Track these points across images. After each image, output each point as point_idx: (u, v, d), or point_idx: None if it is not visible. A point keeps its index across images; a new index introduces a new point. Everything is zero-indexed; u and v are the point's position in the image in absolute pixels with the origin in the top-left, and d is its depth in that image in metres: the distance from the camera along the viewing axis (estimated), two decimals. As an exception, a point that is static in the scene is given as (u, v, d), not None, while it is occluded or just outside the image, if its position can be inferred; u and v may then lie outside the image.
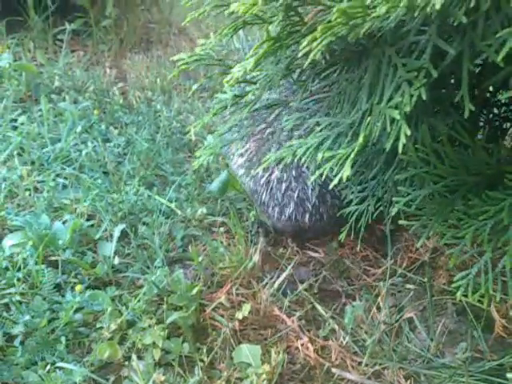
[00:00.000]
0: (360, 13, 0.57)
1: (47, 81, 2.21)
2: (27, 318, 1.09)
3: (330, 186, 0.67)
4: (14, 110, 1.99)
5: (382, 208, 1.16)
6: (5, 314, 1.13)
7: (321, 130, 0.73)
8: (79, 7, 2.60)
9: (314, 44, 0.60)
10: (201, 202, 1.57)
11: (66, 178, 1.65)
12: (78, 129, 1.81)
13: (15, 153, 1.70)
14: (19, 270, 1.21)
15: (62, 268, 1.27)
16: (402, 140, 0.58)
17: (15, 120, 1.90)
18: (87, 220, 1.45)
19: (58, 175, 1.66)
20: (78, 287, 1.12)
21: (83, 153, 1.72)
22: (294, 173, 1.31)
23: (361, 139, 0.60)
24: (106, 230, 1.42)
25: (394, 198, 0.91)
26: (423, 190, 0.87)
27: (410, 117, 0.76)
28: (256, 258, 1.28)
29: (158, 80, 2.31)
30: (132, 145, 1.86)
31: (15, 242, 1.29)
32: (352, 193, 1.17)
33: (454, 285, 0.92)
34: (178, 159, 1.83)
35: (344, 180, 0.61)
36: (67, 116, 1.92)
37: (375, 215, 1.17)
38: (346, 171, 0.62)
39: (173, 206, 1.50)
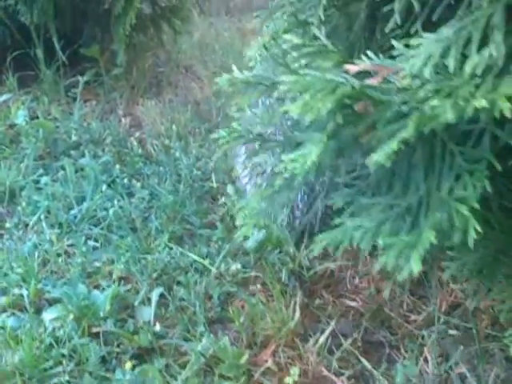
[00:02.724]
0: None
1: (64, 136, 2.22)
2: (78, 398, 1.08)
3: (400, 279, 0.67)
4: (35, 168, 2.01)
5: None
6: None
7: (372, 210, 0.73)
8: (88, 57, 2.62)
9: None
10: (233, 255, 1.57)
11: (95, 240, 1.65)
12: (103, 187, 1.82)
13: (42, 216, 1.71)
14: (64, 345, 1.21)
15: (103, 339, 1.27)
16: (472, 235, 0.58)
17: (38, 181, 1.91)
18: (123, 284, 1.45)
19: (87, 237, 1.66)
20: (128, 365, 1.12)
21: (110, 211, 1.72)
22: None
23: (430, 236, 0.60)
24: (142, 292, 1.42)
25: (443, 263, 0.90)
26: (473, 254, 0.87)
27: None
28: (297, 315, 1.28)
29: (174, 126, 2.32)
30: (156, 197, 1.87)
31: (55, 316, 1.29)
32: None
33: (506, 340, 0.92)
34: (203, 209, 1.84)
35: (415, 274, 0.61)
36: (89, 172, 1.93)
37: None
38: (416, 265, 0.62)
39: (206, 262, 1.50)
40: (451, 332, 1.31)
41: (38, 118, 2.34)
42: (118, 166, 1.98)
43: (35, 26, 2.40)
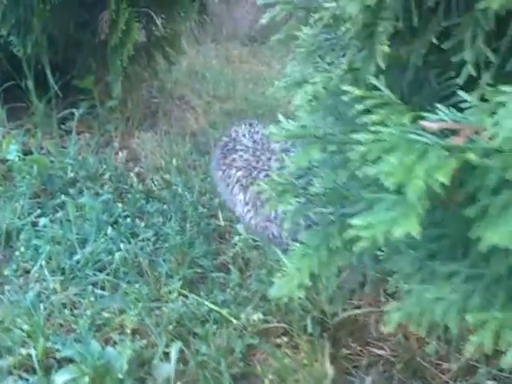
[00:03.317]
0: None
1: (60, 172, 2.12)
2: None
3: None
4: (31, 207, 1.90)
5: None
6: None
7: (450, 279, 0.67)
8: (81, 88, 2.54)
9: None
10: (250, 301, 1.49)
11: (102, 287, 1.55)
12: (106, 229, 1.73)
13: (43, 262, 1.60)
14: (80, 413, 1.11)
15: (122, 402, 1.17)
16: None
17: (36, 223, 1.80)
18: (137, 338, 1.35)
19: (93, 284, 1.56)
20: None
21: (115, 255, 1.63)
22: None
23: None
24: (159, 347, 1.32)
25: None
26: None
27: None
28: (330, 372, 1.20)
29: (174, 160, 2.24)
30: (162, 237, 1.79)
31: (69, 378, 1.18)
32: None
33: None
34: (212, 249, 1.76)
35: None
36: (89, 212, 1.84)
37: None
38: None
39: (225, 312, 1.41)
40: (489, 383, 1.25)
41: (31, 152, 2.23)
42: (119, 205, 1.89)
43: (27, 57, 2.31)
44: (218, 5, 4.65)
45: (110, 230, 1.75)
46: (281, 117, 0.85)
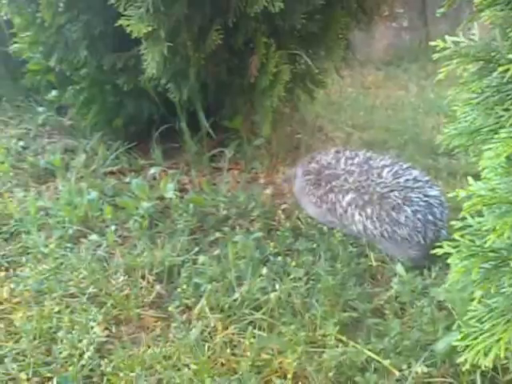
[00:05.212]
0: None
1: (213, 209, 2.24)
2: None
3: None
4: (189, 244, 2.02)
5: None
6: None
7: None
8: (229, 128, 2.67)
9: None
10: (411, 351, 1.43)
11: (259, 328, 1.59)
12: (260, 268, 1.78)
13: (204, 300, 1.69)
14: None
15: None
16: None
17: (195, 260, 1.91)
18: (297, 382, 1.36)
19: (250, 323, 1.61)
20: None
21: (271, 296, 1.66)
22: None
23: None
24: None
25: None
26: None
27: None
28: None
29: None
30: (313, 277, 1.80)
31: (236, 421, 1.22)
32: None
33: None
34: (365, 292, 1.73)
35: None
36: (243, 249, 1.91)
37: None
38: None
39: (386, 363, 1.37)
40: None
41: (186, 190, 2.40)
42: (272, 244, 1.94)
43: (181, 102, 2.48)
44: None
45: (263, 268, 1.80)
46: (471, 179, 0.81)
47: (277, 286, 1.70)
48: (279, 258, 1.89)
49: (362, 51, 5.37)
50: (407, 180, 1.87)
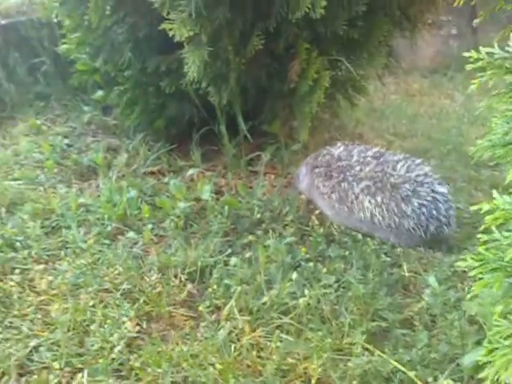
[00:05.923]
0: None
1: (247, 212, 2.26)
2: None
3: None
4: (222, 246, 2.04)
5: None
6: None
7: None
8: (267, 132, 2.69)
9: None
10: (439, 365, 1.41)
11: (287, 332, 1.60)
12: (290, 273, 1.79)
13: (233, 302, 1.71)
14: None
15: None
16: None
17: (227, 262, 1.93)
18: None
19: (278, 327, 1.62)
20: None
21: (300, 301, 1.67)
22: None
23: None
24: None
25: None
26: None
27: None
28: None
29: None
30: (343, 284, 1.79)
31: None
32: None
33: None
34: (395, 302, 1.71)
35: None
36: (275, 253, 1.92)
37: None
38: None
39: (412, 374, 1.35)
40: None
41: (222, 192, 2.43)
42: (303, 250, 1.95)
43: (221, 105, 2.51)
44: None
45: (294, 274, 1.80)
46: (495, 193, 0.80)
47: (306, 292, 1.70)
48: (310, 264, 1.89)
49: (407, 58, 5.26)
50: (418, 175, 1.99)
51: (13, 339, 1.53)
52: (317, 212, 2.27)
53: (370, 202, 2.02)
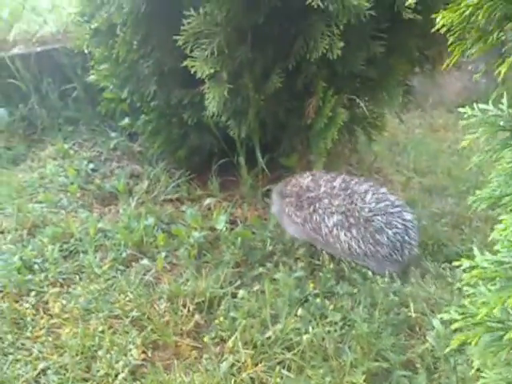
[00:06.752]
0: None
1: (260, 244, 2.29)
2: None
3: None
4: (232, 276, 2.08)
5: None
6: None
7: None
8: (284, 165, 2.74)
9: None
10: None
11: (288, 368, 1.61)
12: (297, 308, 1.81)
13: (238, 335, 1.73)
14: None
15: None
16: None
17: (235, 294, 1.96)
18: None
19: (280, 363, 1.64)
20: None
21: (304, 337, 1.69)
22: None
23: None
24: None
25: None
26: None
27: None
28: None
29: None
30: (349, 322, 1.80)
31: None
32: None
33: None
34: (399, 343, 1.71)
35: None
36: (283, 287, 1.94)
37: None
38: None
39: (409, 419, 1.36)
40: None
41: (236, 223, 2.47)
42: (312, 285, 1.96)
43: (240, 138, 2.57)
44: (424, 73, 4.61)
45: (300, 309, 1.82)
46: (476, 250, 0.82)
47: (310, 329, 1.72)
48: (318, 300, 1.90)
49: (434, 92, 5.28)
50: (387, 205, 2.10)
51: (23, 360, 1.59)
52: (328, 250, 2.29)
53: (345, 234, 2.09)
